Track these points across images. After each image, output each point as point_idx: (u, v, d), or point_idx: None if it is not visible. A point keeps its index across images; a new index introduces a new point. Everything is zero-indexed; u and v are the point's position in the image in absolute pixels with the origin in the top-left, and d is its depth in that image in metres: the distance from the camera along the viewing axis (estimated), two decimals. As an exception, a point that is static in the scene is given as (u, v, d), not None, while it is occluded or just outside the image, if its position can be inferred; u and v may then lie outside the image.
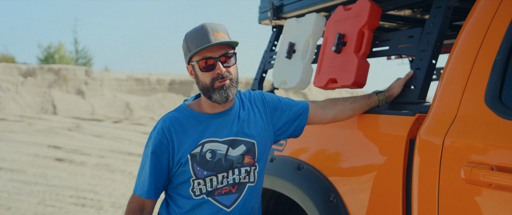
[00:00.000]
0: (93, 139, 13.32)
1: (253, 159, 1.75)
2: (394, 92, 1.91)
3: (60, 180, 7.57)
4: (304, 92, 26.49)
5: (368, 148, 1.83)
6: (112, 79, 28.54)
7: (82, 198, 6.43)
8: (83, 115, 23.05)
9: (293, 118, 1.86)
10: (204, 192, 1.70)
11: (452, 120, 1.52)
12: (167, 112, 1.77)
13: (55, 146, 11.32)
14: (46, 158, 9.60)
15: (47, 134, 13.89)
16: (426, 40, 1.88)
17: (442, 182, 1.47)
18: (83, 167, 8.94)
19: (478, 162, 1.37)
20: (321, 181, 1.98)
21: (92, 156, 10.16)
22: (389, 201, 1.69)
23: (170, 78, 30.24)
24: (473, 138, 1.42)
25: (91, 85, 26.78)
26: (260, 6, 3.06)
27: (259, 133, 1.77)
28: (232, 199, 1.72)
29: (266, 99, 1.86)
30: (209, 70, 1.64)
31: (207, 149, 1.68)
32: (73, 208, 5.93)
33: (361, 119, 1.93)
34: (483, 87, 1.47)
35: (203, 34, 1.63)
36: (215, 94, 1.65)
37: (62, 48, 36.58)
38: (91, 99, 25.98)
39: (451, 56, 1.67)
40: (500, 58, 1.45)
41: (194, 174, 1.67)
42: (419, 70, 1.87)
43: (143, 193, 1.70)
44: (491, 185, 1.32)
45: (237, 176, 1.72)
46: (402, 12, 2.53)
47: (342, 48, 2.22)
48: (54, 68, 26.42)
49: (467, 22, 1.65)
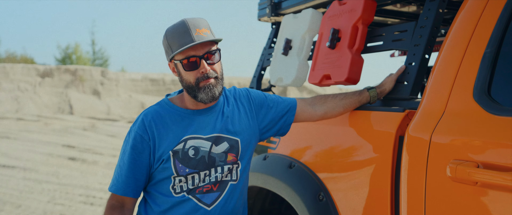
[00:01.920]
0: (107, 139, 13.44)
1: (236, 156, 1.71)
2: (386, 88, 1.85)
3: (71, 179, 7.64)
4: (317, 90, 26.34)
5: (357, 145, 1.78)
6: (128, 79, 28.81)
7: (91, 197, 6.48)
8: (99, 115, 23.30)
9: (280, 115, 1.81)
10: (185, 190, 1.65)
11: (440, 116, 1.46)
12: (148, 107, 1.72)
13: (69, 145, 11.46)
14: (60, 157, 9.72)
15: (63, 134, 14.07)
16: (420, 34, 1.82)
17: (429, 180, 1.42)
18: (95, 166, 9.02)
19: (465, 159, 1.31)
20: (311, 179, 1.93)
21: (104, 155, 10.25)
22: (378, 199, 1.64)
23: (184, 79, 30.38)
24: (460, 134, 1.37)
25: (107, 85, 27.06)
26: (259, 2, 3.03)
27: (243, 130, 1.73)
28: (213, 198, 1.67)
29: (251, 96, 1.82)
30: (193, 69, 1.59)
31: (190, 145, 1.63)
32: (82, 207, 5.97)
33: (351, 115, 1.88)
34: (472, 81, 1.40)
35: (185, 31, 1.57)
36: (200, 93, 1.61)
37: (79, 49, 37.09)
38: (107, 99, 26.25)
39: (441, 51, 1.61)
40: (489, 51, 1.39)
41: (175, 171, 1.63)
42: (411, 66, 1.81)
43: (118, 190, 1.65)
44: (477, 183, 1.26)
45: (220, 174, 1.68)
46: (396, 7, 2.47)
47: (336, 43, 2.17)
48: (71, 69, 26.78)
49: (458, 16, 1.59)
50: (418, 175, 1.46)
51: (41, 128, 15.50)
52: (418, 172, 1.46)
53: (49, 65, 27.62)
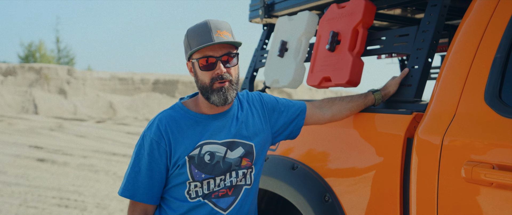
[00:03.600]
0: (76, 139, 13.11)
1: (250, 161, 1.70)
2: (390, 91, 1.89)
3: (42, 181, 7.41)
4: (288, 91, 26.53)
5: (364, 147, 1.81)
6: (95, 78, 28.17)
7: (65, 199, 6.30)
8: (65, 114, 22.69)
9: (291, 118, 1.82)
10: (201, 195, 1.63)
11: (451, 118, 1.50)
12: (162, 111, 1.70)
13: (36, 146, 11.11)
14: (28, 158, 9.40)
15: (29, 134, 13.62)
16: (422, 38, 1.87)
17: (442, 181, 1.46)
18: (66, 167, 8.77)
19: (479, 160, 1.36)
20: (316, 180, 1.95)
21: (75, 156, 9.99)
22: (386, 200, 1.67)
23: (154, 78, 29.98)
24: (473, 137, 1.41)
25: (74, 84, 26.38)
26: (250, 4, 3.02)
27: (257, 135, 1.72)
28: (229, 202, 1.66)
29: (264, 100, 1.81)
30: (209, 69, 1.58)
31: (206, 151, 1.61)
32: (57, 209, 5.80)
33: (357, 117, 1.91)
34: (483, 85, 1.45)
35: (206, 31, 1.55)
36: (213, 95, 1.59)
37: (43, 47, 36.01)
38: (73, 98, 25.59)
39: (448, 55, 1.65)
40: (499, 56, 1.44)
41: (191, 176, 1.61)
42: (415, 69, 1.86)
43: (145, 198, 1.61)
44: (493, 184, 1.30)
45: (235, 178, 1.67)
46: (392, 11, 2.53)
47: (336, 46, 2.19)
48: (35, 67, 25.96)
49: (464, 21, 1.64)
50: (430, 176, 1.50)
51: (5, 128, 14.95)
52: (430, 174, 1.50)
53: (12, 64, 26.66)
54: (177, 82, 29.67)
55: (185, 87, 29.82)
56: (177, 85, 29.58)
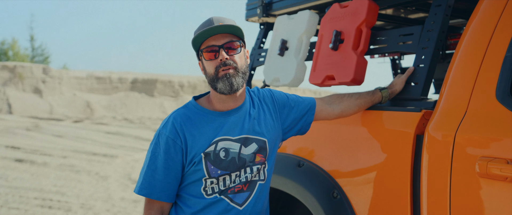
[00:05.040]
0: (54, 139, 12.85)
1: (264, 157, 1.72)
2: (396, 88, 1.93)
3: (22, 182, 7.24)
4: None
5: (372, 144, 1.84)
6: (72, 77, 27.62)
7: (48, 200, 6.17)
8: (41, 114, 22.19)
9: (301, 114, 1.84)
10: (217, 191, 1.65)
11: (463, 115, 1.54)
12: (176, 109, 1.70)
13: (13, 146, 10.84)
14: (5, 159, 9.17)
15: (4, 134, 13.28)
16: (427, 37, 1.91)
17: (454, 177, 1.49)
18: (45, 168, 8.59)
19: (492, 156, 1.40)
20: (324, 177, 1.97)
21: (54, 156, 9.79)
22: (396, 196, 1.70)
23: (132, 77, 29.59)
24: (486, 133, 1.45)
25: (49, 83, 25.80)
26: (247, 3, 3.03)
27: (269, 131, 1.74)
28: (244, 197, 1.68)
29: (275, 96, 1.83)
30: (213, 58, 1.62)
31: (221, 147, 1.63)
32: (40, 210, 5.68)
33: (364, 115, 1.94)
34: (494, 83, 1.50)
35: (208, 23, 1.62)
36: (219, 83, 1.61)
37: (16, 45, 35.14)
38: (49, 98, 25.03)
39: (456, 54, 1.70)
40: (510, 55, 1.49)
41: (207, 173, 1.62)
42: (421, 67, 1.90)
43: (162, 196, 1.62)
44: (507, 178, 1.34)
45: (249, 174, 1.68)
46: (384, 11, 2.57)
47: (339, 45, 2.22)
48: (9, 66, 25.27)
49: (472, 20, 1.68)
50: (441, 172, 1.54)
51: (-21, 128, 14.53)
52: (441, 170, 1.54)
53: (-16, 62, 25.90)
54: (156, 82, 29.36)
55: (164, 87, 29.56)
56: (156, 85, 29.27)
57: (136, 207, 6.04)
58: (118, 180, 7.75)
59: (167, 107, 27.20)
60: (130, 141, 13.25)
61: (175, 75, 30.94)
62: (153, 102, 27.48)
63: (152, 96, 28.66)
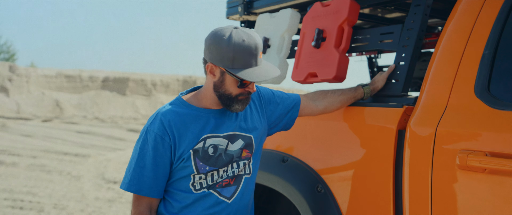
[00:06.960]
0: (22, 139, 12.50)
1: (250, 152, 1.76)
2: (378, 85, 1.99)
3: (-9, 182, 7.02)
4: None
5: (355, 139, 1.89)
6: (40, 75, 26.88)
7: (19, 201, 6.01)
8: (8, 113, 21.52)
9: (286, 110, 1.88)
10: (205, 186, 1.68)
11: (443, 110, 1.61)
12: (163, 105, 1.71)
13: (-20, 146, 10.49)
14: (-28, 159, 8.87)
15: (-31, 134, 12.84)
16: (407, 36, 1.97)
17: (435, 170, 1.56)
18: (15, 168, 8.36)
19: (471, 149, 1.47)
20: (308, 172, 2.01)
21: (23, 156, 9.53)
22: (379, 189, 1.75)
23: (103, 75, 29.04)
24: (466, 127, 1.52)
25: (16, 82, 25.04)
26: (228, 1, 3.04)
27: (255, 127, 1.78)
28: (232, 191, 1.72)
29: (261, 93, 1.87)
30: (243, 87, 1.63)
31: (209, 144, 1.66)
32: (11, 211, 5.53)
33: (347, 111, 1.99)
34: (472, 80, 1.57)
35: (252, 54, 1.58)
36: (237, 104, 1.65)
37: (-20, 42, 33.97)
38: (16, 97, 24.30)
39: (436, 52, 1.76)
40: (487, 53, 1.56)
41: (196, 169, 1.65)
42: (401, 65, 1.96)
43: (151, 192, 1.63)
44: (486, 170, 1.41)
45: (236, 169, 1.72)
46: (366, 10, 2.64)
47: (321, 43, 2.27)
48: (-27, 63, 24.43)
49: (451, 19, 1.76)
50: (423, 165, 1.60)
51: None
52: (423, 163, 1.60)
53: None
54: (127, 80, 28.90)
55: (136, 85, 29.13)
56: (127, 83, 28.81)
57: (111, 206, 5.96)
58: (91, 179, 7.62)
59: (139, 106, 26.85)
60: (102, 140, 13.03)
61: (148, 74, 30.52)
62: (125, 101, 27.07)
63: (124, 95, 28.21)
